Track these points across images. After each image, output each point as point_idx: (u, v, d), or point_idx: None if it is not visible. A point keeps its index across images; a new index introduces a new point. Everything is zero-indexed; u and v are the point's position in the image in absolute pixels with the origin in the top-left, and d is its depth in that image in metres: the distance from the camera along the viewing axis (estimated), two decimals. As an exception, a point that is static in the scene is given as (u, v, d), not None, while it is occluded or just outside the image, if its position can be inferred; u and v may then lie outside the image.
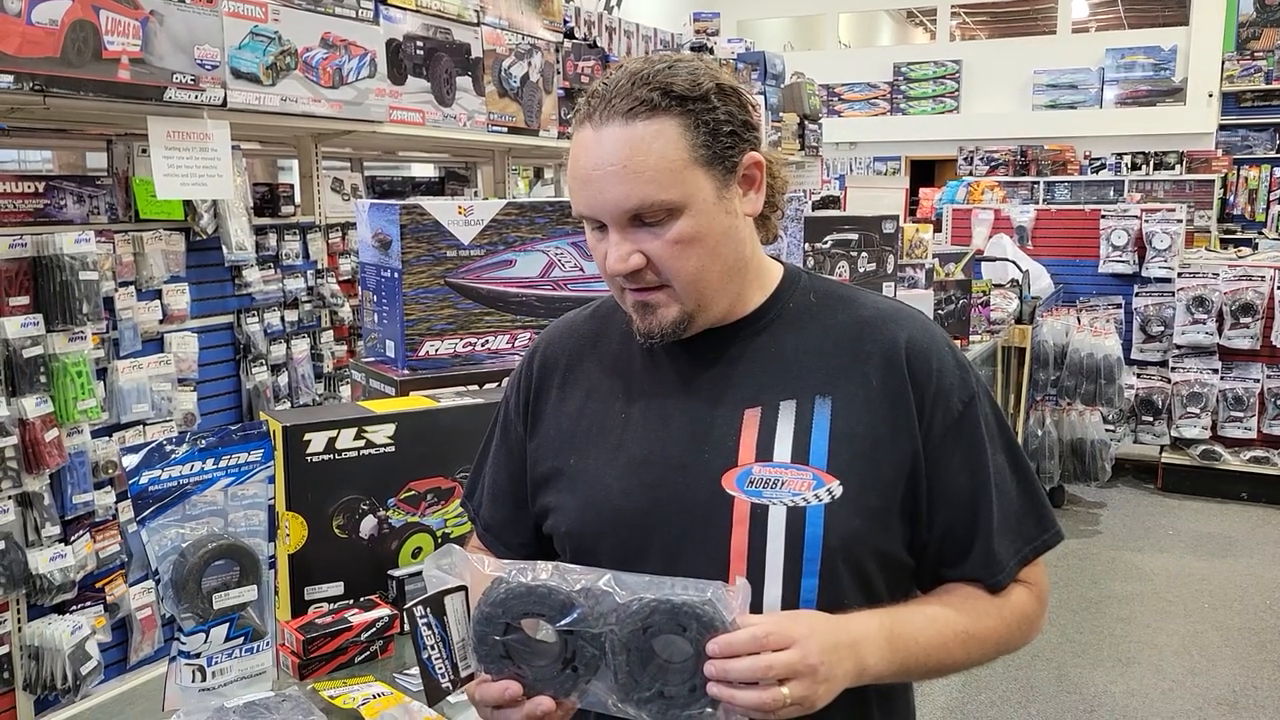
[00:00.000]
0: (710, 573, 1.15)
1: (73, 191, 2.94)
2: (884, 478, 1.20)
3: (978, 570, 1.24)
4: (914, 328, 1.27)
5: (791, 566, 1.17)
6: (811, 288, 1.32)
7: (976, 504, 1.23)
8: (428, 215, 2.04)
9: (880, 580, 1.22)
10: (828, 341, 1.26)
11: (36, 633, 2.67)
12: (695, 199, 1.17)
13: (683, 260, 1.18)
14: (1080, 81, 11.51)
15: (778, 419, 1.21)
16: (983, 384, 1.28)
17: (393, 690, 1.48)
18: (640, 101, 1.15)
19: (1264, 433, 6.31)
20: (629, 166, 1.15)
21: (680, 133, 1.16)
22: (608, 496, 1.26)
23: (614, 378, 1.32)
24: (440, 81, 3.84)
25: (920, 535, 1.24)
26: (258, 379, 3.45)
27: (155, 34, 2.63)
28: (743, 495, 1.19)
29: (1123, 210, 7.02)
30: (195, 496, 1.42)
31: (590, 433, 1.31)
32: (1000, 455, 1.26)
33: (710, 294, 1.22)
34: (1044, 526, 1.30)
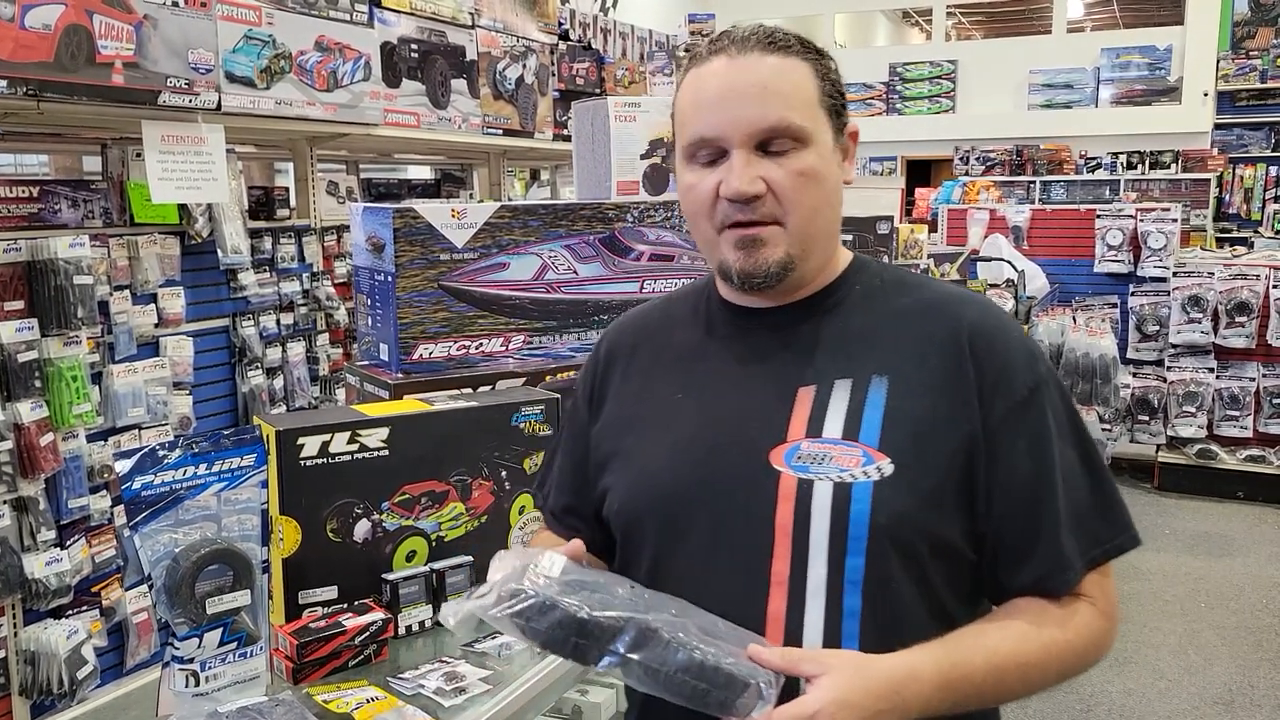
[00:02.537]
0: (754, 548, 1.16)
1: (67, 196, 2.94)
2: (938, 459, 1.16)
3: (1043, 570, 1.18)
4: (981, 311, 1.24)
5: (836, 544, 1.14)
6: (879, 273, 1.30)
7: (1039, 497, 1.18)
8: (421, 218, 2.04)
9: (933, 567, 1.17)
10: (891, 323, 1.24)
11: (32, 637, 2.67)
12: (820, 138, 1.19)
13: (802, 194, 1.18)
14: (1076, 81, 11.51)
15: (831, 397, 1.19)
16: (1053, 374, 1.24)
17: (387, 694, 1.48)
18: (778, 40, 1.20)
19: (1260, 431, 6.32)
20: (770, 87, 1.17)
21: (811, 74, 1.20)
22: (655, 474, 1.27)
23: (675, 361, 1.32)
24: (435, 84, 3.85)
25: (979, 525, 1.18)
26: (253, 382, 3.44)
27: (149, 38, 2.63)
28: (789, 470, 1.16)
29: (1118, 210, 7.03)
30: (188, 501, 1.43)
31: (647, 415, 1.31)
32: (1070, 449, 1.21)
33: (815, 240, 1.22)
34: (1117, 528, 1.23)
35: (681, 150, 1.24)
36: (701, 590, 1.19)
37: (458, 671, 1.59)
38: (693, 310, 1.34)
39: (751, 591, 1.16)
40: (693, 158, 1.22)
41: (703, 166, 1.21)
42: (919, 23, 18.51)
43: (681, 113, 1.24)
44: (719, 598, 1.17)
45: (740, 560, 1.18)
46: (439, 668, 1.60)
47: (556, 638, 1.07)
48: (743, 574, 1.17)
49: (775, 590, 1.15)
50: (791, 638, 1.14)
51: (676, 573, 1.23)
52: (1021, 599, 1.20)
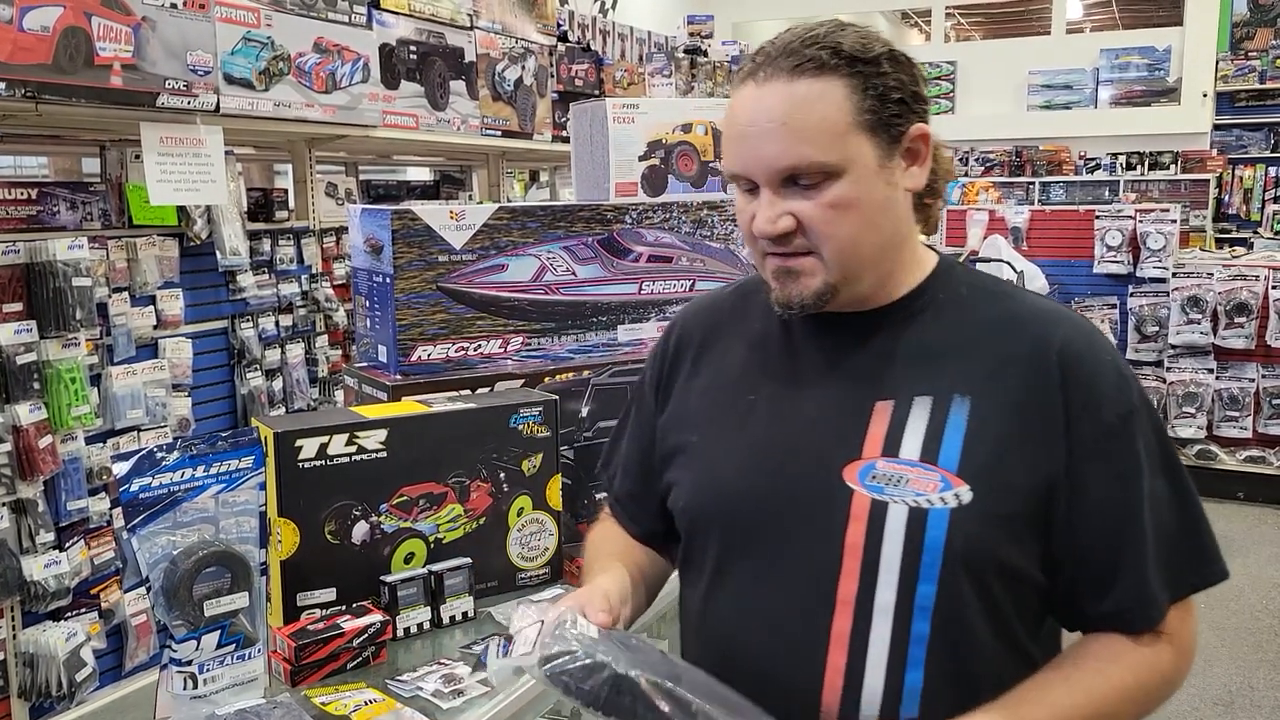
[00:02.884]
0: (822, 565, 1.14)
1: (66, 198, 2.94)
2: (1019, 487, 1.12)
3: (1125, 604, 1.14)
4: (1072, 330, 1.18)
5: (908, 569, 1.11)
6: (965, 281, 1.25)
7: (1124, 529, 1.14)
8: (419, 220, 2.04)
9: (1005, 595, 1.14)
10: (975, 338, 1.19)
11: (31, 640, 2.67)
12: (855, 164, 1.12)
13: (835, 226, 1.14)
14: (1075, 82, 11.51)
15: (910, 414, 1.15)
16: (1146, 400, 1.18)
17: (385, 697, 1.48)
18: (808, 59, 1.12)
19: (1259, 432, 6.32)
20: (788, 124, 1.12)
21: (846, 94, 1.12)
22: (725, 477, 1.24)
23: (748, 357, 1.29)
24: (434, 86, 3.85)
25: (1055, 552, 1.14)
26: (252, 384, 3.44)
27: (147, 40, 2.63)
28: (863, 490, 1.13)
29: (1117, 210, 7.02)
30: (186, 503, 1.43)
31: (717, 411, 1.29)
32: (1160, 479, 1.16)
33: (858, 267, 1.17)
34: (1204, 560, 1.18)
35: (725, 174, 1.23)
36: (764, 602, 1.19)
37: (455, 674, 1.59)
38: (767, 306, 1.28)
39: (817, 608, 1.15)
40: (735, 182, 1.20)
41: (745, 192, 1.19)
42: (918, 24, 18.52)
43: (724, 137, 1.21)
44: (782, 611, 1.17)
45: (807, 576, 1.16)
46: (437, 670, 1.60)
47: (602, 697, 1.06)
48: (809, 590, 1.16)
49: (841, 609, 1.14)
50: (855, 659, 1.13)
51: (740, 581, 1.22)
52: (1099, 639, 1.17)
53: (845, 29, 1.15)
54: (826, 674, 1.13)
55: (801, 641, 1.15)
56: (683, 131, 2.53)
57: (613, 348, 2.30)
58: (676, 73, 5.38)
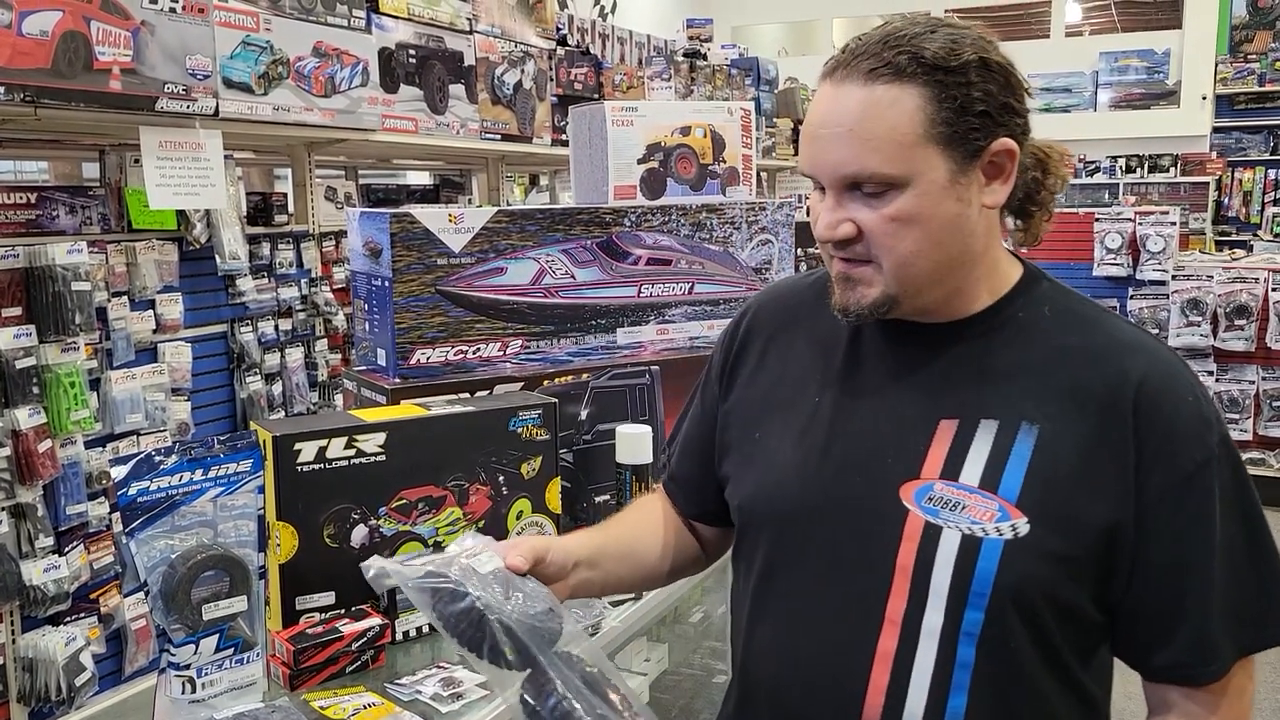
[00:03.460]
0: (871, 582, 1.12)
1: (65, 202, 2.94)
2: (1080, 526, 1.08)
3: (1185, 657, 1.11)
4: (1153, 365, 1.12)
5: (957, 595, 1.09)
6: (1049, 299, 1.19)
7: (1190, 580, 1.09)
8: (418, 223, 2.04)
9: (1057, 629, 1.11)
10: (1051, 363, 1.13)
11: (30, 644, 2.66)
12: (923, 177, 1.08)
13: (896, 239, 1.10)
14: (1074, 85, 11.53)
15: (974, 437, 1.12)
16: (1228, 443, 1.12)
17: (384, 700, 1.48)
18: (885, 64, 1.07)
19: (1259, 434, 6.32)
20: (855, 131, 1.08)
21: (920, 104, 1.07)
22: (782, 481, 1.22)
23: (816, 357, 1.26)
24: (433, 89, 3.85)
25: (1113, 595, 1.11)
26: (252, 388, 3.44)
27: (147, 44, 2.63)
28: (918, 511, 1.11)
29: (1116, 213, 7.03)
30: (184, 507, 1.42)
31: (780, 409, 1.26)
32: (1234, 525, 1.10)
33: (919, 283, 1.13)
34: (1276, 617, 1.12)
35: None
36: (810, 612, 1.18)
37: (455, 677, 1.58)
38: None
39: (863, 625, 1.13)
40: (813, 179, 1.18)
41: (817, 190, 1.16)
42: (917, 27, 18.51)
43: (801, 132, 1.19)
44: (829, 623, 1.16)
45: (856, 591, 1.14)
46: (436, 673, 1.60)
47: (459, 626, 1.10)
48: (856, 605, 1.14)
49: (888, 628, 1.12)
50: (899, 679, 1.12)
51: (788, 586, 1.21)
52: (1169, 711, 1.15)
53: (939, 30, 1.10)
54: (869, 692, 1.12)
55: (846, 656, 1.14)
56: (681, 134, 2.53)
57: (612, 350, 2.30)
58: (676, 76, 5.38)
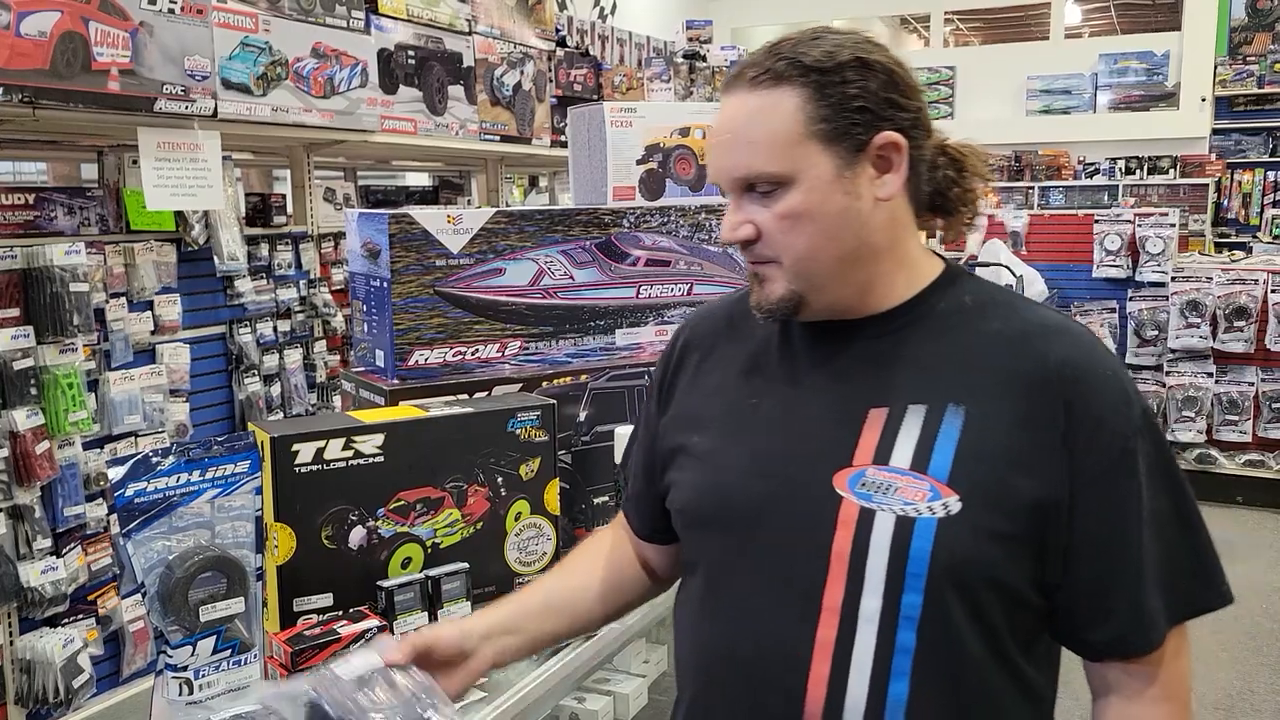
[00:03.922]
0: (809, 572, 1.13)
1: (63, 203, 2.93)
2: (1012, 502, 1.09)
3: (1124, 630, 1.12)
4: (1074, 345, 1.15)
5: (894, 579, 1.10)
6: (969, 291, 1.23)
7: (1123, 554, 1.11)
8: (416, 224, 2.03)
9: (996, 610, 1.11)
10: (975, 349, 1.16)
11: (28, 646, 2.66)
12: (807, 174, 1.12)
13: (790, 236, 1.15)
14: (1074, 86, 11.52)
15: (903, 422, 1.14)
16: (1150, 418, 1.14)
17: (381, 702, 1.48)
18: (766, 71, 1.14)
19: (1259, 436, 6.31)
20: (741, 135, 1.15)
21: (799, 104, 1.12)
22: (723, 481, 1.24)
23: (751, 361, 1.29)
24: (432, 90, 3.84)
25: (1050, 575, 1.12)
26: (250, 390, 3.44)
27: (145, 45, 2.63)
28: (852, 497, 1.12)
29: (1116, 215, 7.03)
30: (182, 508, 1.42)
31: (718, 414, 1.28)
32: (1162, 498, 1.13)
33: (821, 277, 1.16)
34: (1207, 583, 1.15)
35: None
36: (753, 608, 1.18)
37: (453, 679, 1.58)
38: None
39: (803, 616, 1.14)
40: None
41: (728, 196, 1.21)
42: (917, 29, 18.54)
43: None
44: (770, 617, 1.16)
45: (795, 582, 1.15)
46: (434, 675, 1.59)
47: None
48: (796, 597, 1.15)
49: (826, 617, 1.12)
50: (839, 668, 1.12)
51: (731, 585, 1.22)
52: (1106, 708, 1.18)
53: (822, 37, 1.15)
54: (810, 682, 1.13)
55: (788, 648, 1.14)
56: (680, 135, 2.53)
57: (610, 352, 2.29)
58: (675, 78, 5.37)
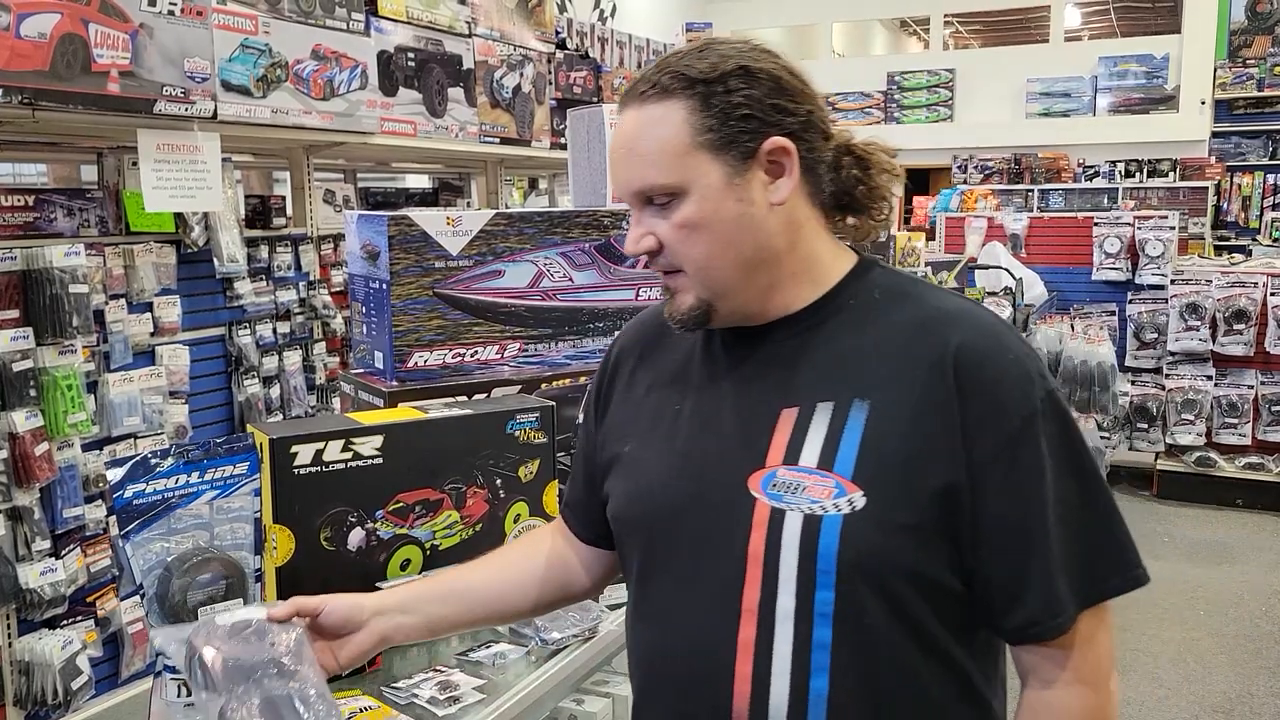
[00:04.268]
0: (728, 574, 1.15)
1: (63, 204, 2.93)
2: (918, 494, 1.11)
3: (1034, 614, 1.12)
4: (973, 330, 1.15)
5: (805, 576, 1.11)
6: (878, 283, 1.23)
7: (1029, 537, 1.11)
8: (416, 226, 2.03)
9: (914, 601, 1.12)
10: (880, 342, 1.17)
11: (27, 648, 2.66)
12: (698, 183, 1.14)
13: (689, 245, 1.16)
14: (1073, 89, 11.53)
15: (812, 421, 1.15)
16: (1053, 397, 1.14)
17: (380, 704, 1.48)
18: (653, 85, 1.16)
19: (1259, 439, 6.31)
20: (633, 149, 1.17)
21: (685, 115, 1.14)
22: (650, 487, 1.26)
23: (678, 368, 1.31)
24: (432, 93, 3.85)
25: (966, 561, 1.13)
26: (250, 391, 3.44)
27: (145, 47, 2.63)
28: (764, 498, 1.14)
29: (1115, 217, 7.03)
30: (180, 510, 1.42)
31: (648, 422, 1.30)
32: (1068, 481, 1.13)
33: (723, 284, 1.18)
34: (1117, 565, 1.15)
35: None
36: (680, 610, 1.20)
37: (451, 680, 1.58)
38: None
39: (724, 617, 1.15)
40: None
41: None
42: (917, 32, 18.55)
43: None
44: (694, 620, 1.18)
45: (715, 585, 1.17)
46: (433, 677, 1.59)
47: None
48: (717, 599, 1.16)
49: (746, 617, 1.14)
50: (761, 667, 1.13)
51: (660, 589, 1.24)
52: (1022, 710, 1.18)
53: (708, 48, 1.17)
54: (735, 683, 1.14)
55: (711, 651, 1.16)
56: (680, 138, 2.53)
57: (610, 354, 2.29)
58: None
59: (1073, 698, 1.15)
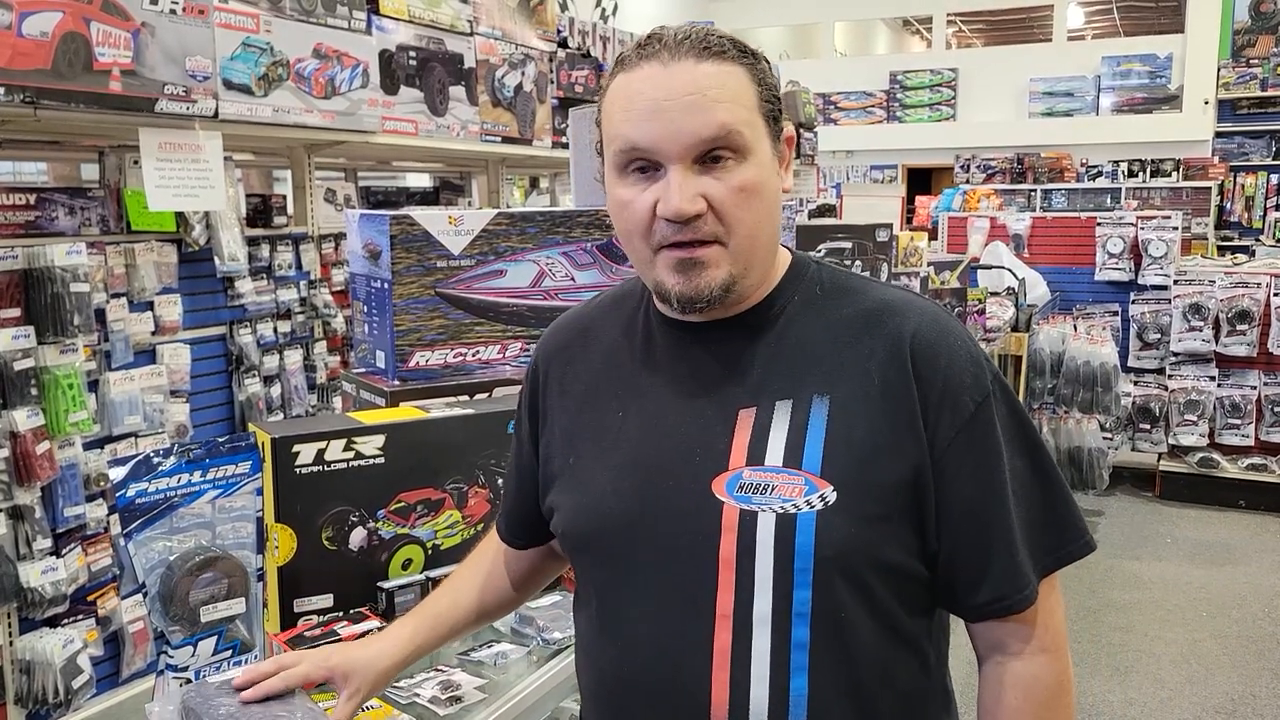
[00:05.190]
0: (699, 581, 1.13)
1: (64, 203, 2.93)
2: (884, 484, 1.12)
3: (1000, 590, 1.14)
4: (922, 319, 1.17)
5: (782, 577, 1.10)
6: (819, 279, 1.23)
7: (991, 516, 1.14)
8: (417, 225, 2.03)
9: (887, 592, 1.14)
10: (830, 336, 1.17)
11: (28, 646, 2.66)
12: (759, 147, 1.12)
13: (745, 210, 1.11)
14: (1076, 89, 11.53)
15: (772, 420, 1.14)
16: (1000, 381, 1.17)
17: (382, 704, 1.47)
18: (708, 48, 1.11)
19: (1261, 440, 6.30)
20: (709, 95, 1.09)
21: (747, 81, 1.12)
22: (600, 498, 1.22)
23: (613, 373, 1.27)
24: (433, 91, 3.84)
25: (930, 544, 1.15)
26: (250, 390, 3.44)
27: (146, 45, 2.63)
28: (732, 501, 1.12)
29: (1119, 218, 7.02)
30: (183, 509, 1.42)
31: (589, 431, 1.27)
32: (1020, 459, 1.17)
33: (758, 258, 1.16)
34: (1069, 535, 1.19)
35: (611, 161, 1.16)
36: (648, 622, 1.18)
37: (453, 680, 1.58)
38: (629, 319, 1.29)
39: (698, 626, 1.14)
40: (625, 170, 1.14)
41: (636, 181, 1.13)
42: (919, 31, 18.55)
43: (610, 122, 1.15)
44: (666, 631, 1.16)
45: (686, 593, 1.15)
46: (434, 676, 1.59)
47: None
48: (690, 607, 1.14)
49: (721, 624, 1.13)
50: (739, 673, 1.12)
51: (624, 603, 1.21)
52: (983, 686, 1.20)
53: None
54: (713, 690, 1.13)
55: (687, 660, 1.14)
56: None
57: (612, 353, 2.28)
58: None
59: (1040, 666, 1.17)
